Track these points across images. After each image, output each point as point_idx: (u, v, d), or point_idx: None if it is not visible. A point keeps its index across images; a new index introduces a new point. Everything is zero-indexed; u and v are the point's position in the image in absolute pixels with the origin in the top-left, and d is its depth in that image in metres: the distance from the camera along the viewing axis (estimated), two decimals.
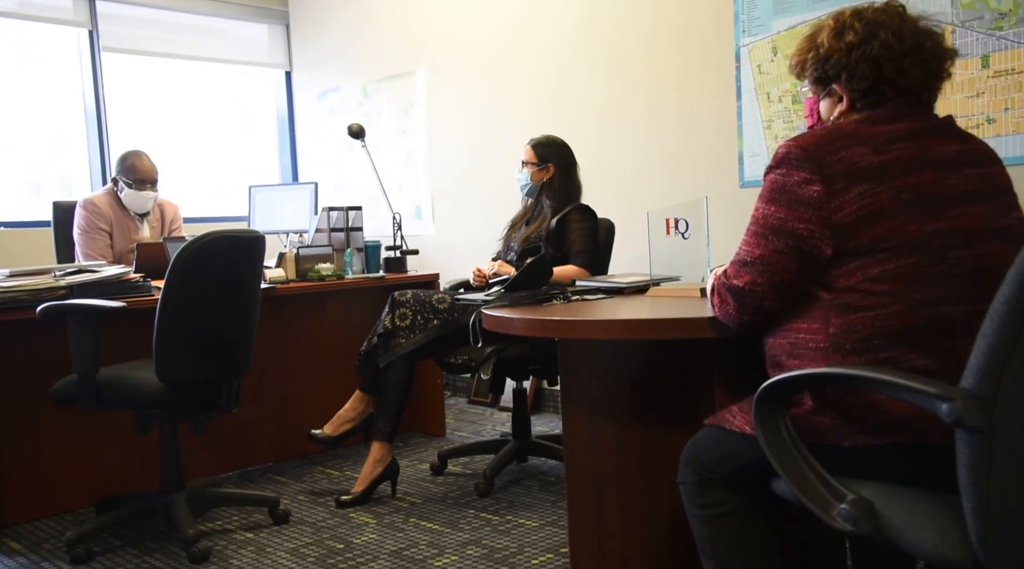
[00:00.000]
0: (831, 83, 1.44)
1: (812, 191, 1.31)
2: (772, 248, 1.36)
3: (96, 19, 4.66)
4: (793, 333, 1.38)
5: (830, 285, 1.33)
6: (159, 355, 2.36)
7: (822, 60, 1.43)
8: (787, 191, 1.34)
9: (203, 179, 5.33)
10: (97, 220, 3.50)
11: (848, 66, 1.40)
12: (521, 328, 1.82)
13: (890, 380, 1.12)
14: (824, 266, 1.33)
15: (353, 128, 3.78)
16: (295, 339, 3.43)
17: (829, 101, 1.47)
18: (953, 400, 1.04)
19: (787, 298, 1.38)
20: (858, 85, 1.40)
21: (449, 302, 2.85)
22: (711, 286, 1.52)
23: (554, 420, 3.91)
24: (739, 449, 1.40)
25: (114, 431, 2.84)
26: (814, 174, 1.31)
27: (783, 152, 1.36)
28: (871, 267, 1.29)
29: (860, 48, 1.39)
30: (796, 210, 1.33)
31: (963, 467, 1.08)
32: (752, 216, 1.42)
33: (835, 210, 1.30)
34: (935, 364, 1.25)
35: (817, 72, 1.45)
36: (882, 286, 1.28)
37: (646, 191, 3.62)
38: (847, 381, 1.25)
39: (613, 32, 3.72)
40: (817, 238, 1.31)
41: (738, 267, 1.43)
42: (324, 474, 3.22)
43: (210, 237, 2.36)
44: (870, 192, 1.29)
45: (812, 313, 1.35)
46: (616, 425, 1.92)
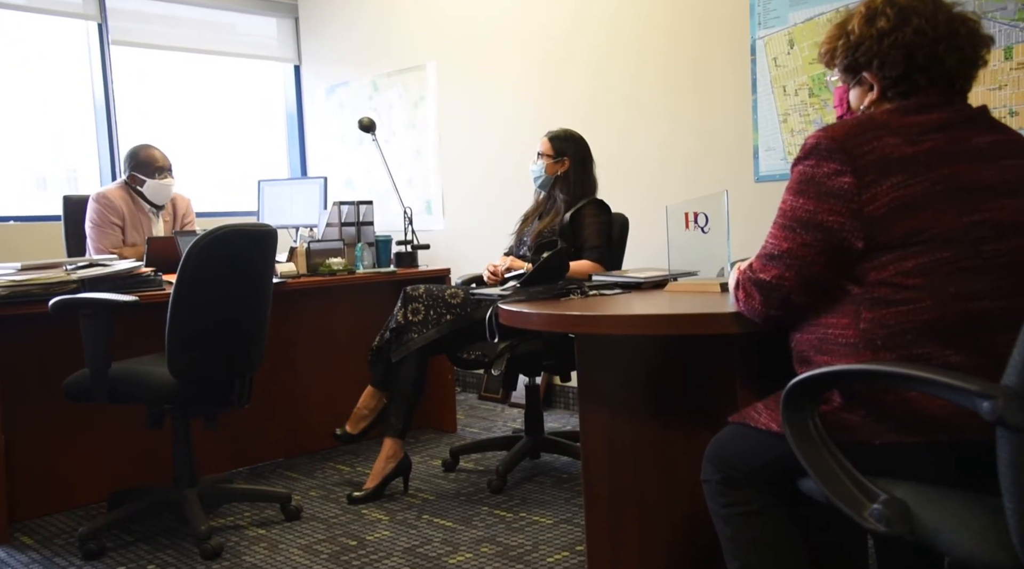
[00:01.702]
0: (861, 71, 1.40)
1: (843, 183, 1.28)
2: (800, 241, 1.33)
3: (105, 13, 4.64)
4: (822, 328, 1.35)
5: (860, 279, 1.30)
6: (171, 350, 2.34)
7: (852, 47, 1.40)
8: (816, 183, 1.31)
9: (212, 173, 5.32)
10: (110, 214, 3.48)
11: (880, 53, 1.36)
12: (540, 323, 1.79)
13: (928, 377, 1.09)
14: (854, 260, 1.30)
15: (364, 122, 3.76)
16: (306, 334, 3.41)
17: (859, 89, 1.43)
18: (995, 398, 1.01)
19: (815, 292, 1.35)
20: (890, 73, 1.36)
21: (462, 297, 2.83)
22: (735, 280, 1.49)
23: (565, 416, 3.89)
24: (764, 447, 1.37)
25: (126, 426, 2.83)
26: (845, 165, 1.28)
27: (812, 143, 1.33)
28: (904, 260, 1.26)
29: (892, 35, 1.35)
30: (826, 202, 1.30)
31: (1005, 467, 1.04)
32: (779, 208, 1.39)
33: (867, 202, 1.27)
34: (971, 360, 1.22)
35: (847, 60, 1.41)
36: (915, 280, 1.25)
37: (660, 185, 3.58)
38: (881, 378, 1.21)
39: (626, 24, 3.68)
40: (848, 231, 1.28)
41: (764, 260, 1.40)
42: (335, 470, 3.20)
43: (222, 231, 2.34)
44: (903, 184, 1.26)
45: (842, 308, 1.32)
46: (635, 422, 1.90)
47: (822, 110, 3.05)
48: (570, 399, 4.01)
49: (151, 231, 3.55)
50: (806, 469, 1.26)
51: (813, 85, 3.07)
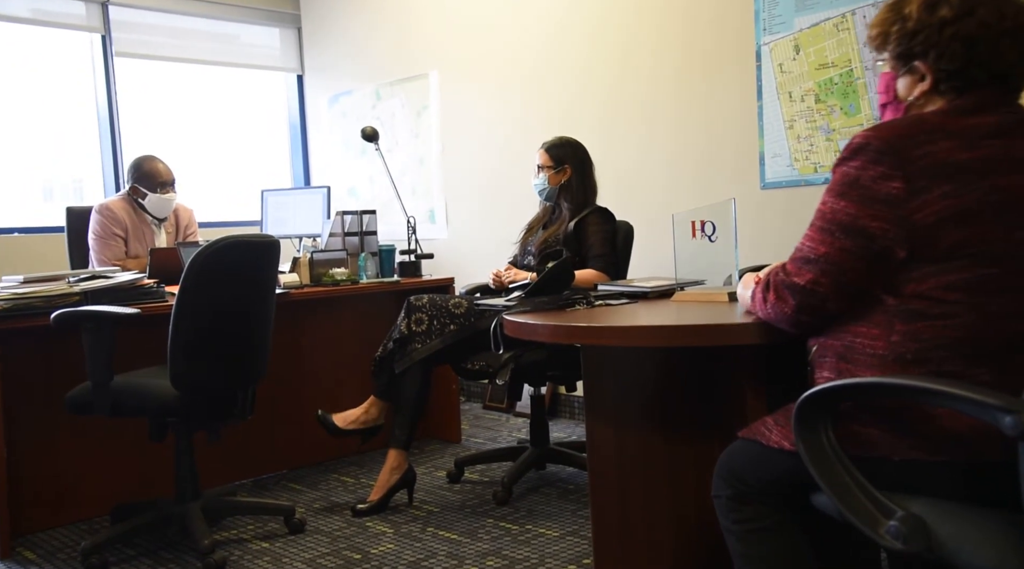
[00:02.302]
0: (915, 60, 1.31)
1: (891, 188, 1.21)
2: (839, 246, 1.27)
3: (109, 24, 4.64)
4: (850, 336, 1.30)
5: (897, 290, 1.24)
6: (173, 362, 2.32)
7: (909, 34, 1.30)
8: (861, 186, 1.24)
9: (215, 184, 5.32)
10: (113, 226, 3.47)
11: (938, 44, 1.27)
12: (546, 335, 1.76)
13: (947, 391, 1.05)
14: (894, 269, 1.24)
15: (367, 131, 3.75)
16: (310, 345, 3.39)
17: (909, 79, 1.33)
18: (1018, 412, 0.97)
19: (850, 299, 1.29)
20: (947, 66, 1.27)
21: (466, 307, 2.80)
22: (764, 281, 1.42)
23: (571, 426, 3.86)
24: (776, 463, 1.34)
25: (129, 439, 2.80)
26: (895, 170, 1.21)
27: (860, 142, 1.25)
28: (947, 274, 1.20)
29: (954, 25, 1.26)
30: (870, 207, 1.23)
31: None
32: (818, 209, 1.31)
33: (915, 210, 1.20)
34: (1001, 380, 1.18)
35: (901, 47, 1.32)
36: (956, 295, 1.20)
37: (665, 192, 3.56)
38: (899, 392, 1.17)
39: (630, 31, 3.66)
40: (891, 239, 1.22)
41: (800, 264, 1.33)
42: (339, 482, 3.18)
43: (224, 242, 2.32)
44: (955, 193, 1.19)
45: (874, 317, 1.27)
46: (642, 434, 1.87)
47: (828, 116, 3.03)
48: (575, 408, 3.98)
49: (154, 242, 3.53)
50: (819, 485, 1.23)
51: (819, 91, 3.05)
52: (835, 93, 3.01)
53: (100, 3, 4.62)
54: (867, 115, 2.93)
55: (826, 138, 3.04)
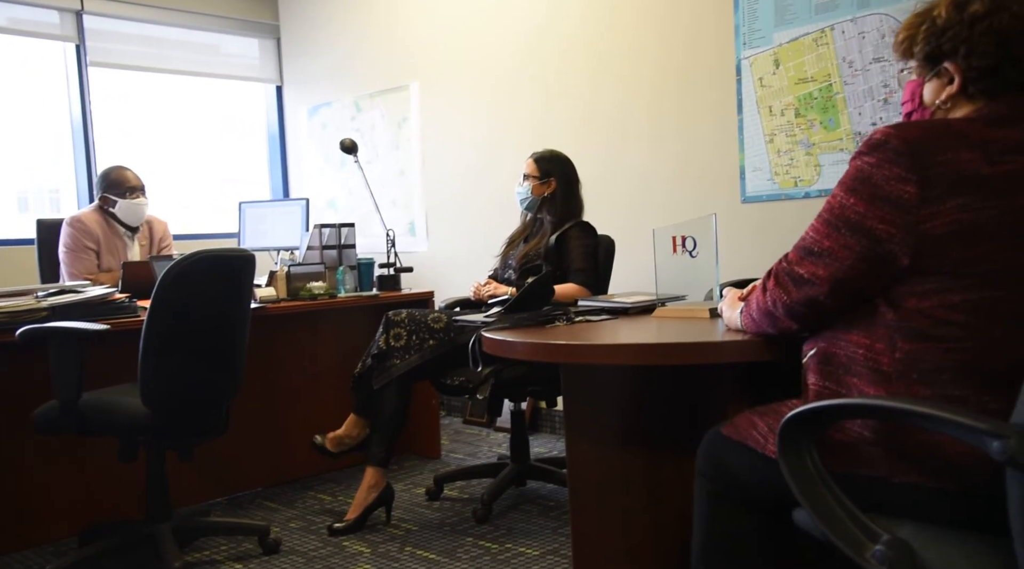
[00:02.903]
0: (943, 60, 1.27)
1: (904, 191, 1.16)
2: (843, 243, 1.23)
3: (83, 34, 4.58)
4: (852, 346, 1.25)
5: (897, 303, 1.20)
6: (144, 379, 2.26)
7: (938, 32, 1.26)
8: (873, 184, 1.19)
9: (192, 196, 5.25)
10: (84, 238, 3.40)
11: (969, 39, 1.23)
12: (525, 353, 1.73)
13: (934, 414, 1.02)
14: (895, 276, 1.20)
15: (346, 143, 3.71)
16: (286, 360, 3.34)
17: (937, 82, 1.29)
18: (1006, 437, 0.95)
19: (847, 300, 1.25)
20: (978, 62, 1.23)
21: (445, 321, 2.77)
22: (768, 272, 1.37)
23: (552, 441, 3.82)
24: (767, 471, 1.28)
25: (98, 458, 2.73)
26: (911, 173, 1.16)
27: (881, 139, 1.20)
28: (951, 293, 1.16)
29: (986, 20, 1.21)
30: (879, 208, 1.19)
31: (1015, 510, 0.99)
32: (827, 201, 1.27)
33: (926, 218, 1.15)
34: (1010, 410, 1.13)
35: (930, 46, 1.27)
36: (959, 316, 1.16)
37: (646, 206, 3.55)
38: (886, 414, 1.14)
39: (611, 45, 3.66)
40: (896, 243, 1.17)
41: (802, 254, 1.29)
42: (316, 499, 3.12)
43: (197, 257, 2.27)
44: (969, 206, 1.14)
45: (876, 331, 1.22)
46: (623, 452, 1.84)
47: (808, 130, 3.03)
48: (556, 423, 3.95)
49: (127, 255, 3.47)
50: (804, 506, 1.20)
51: (799, 105, 3.05)
52: (815, 107, 3.01)
53: (74, 12, 4.55)
54: (847, 130, 2.94)
55: (806, 152, 3.04)
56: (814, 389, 1.31)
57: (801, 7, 3.02)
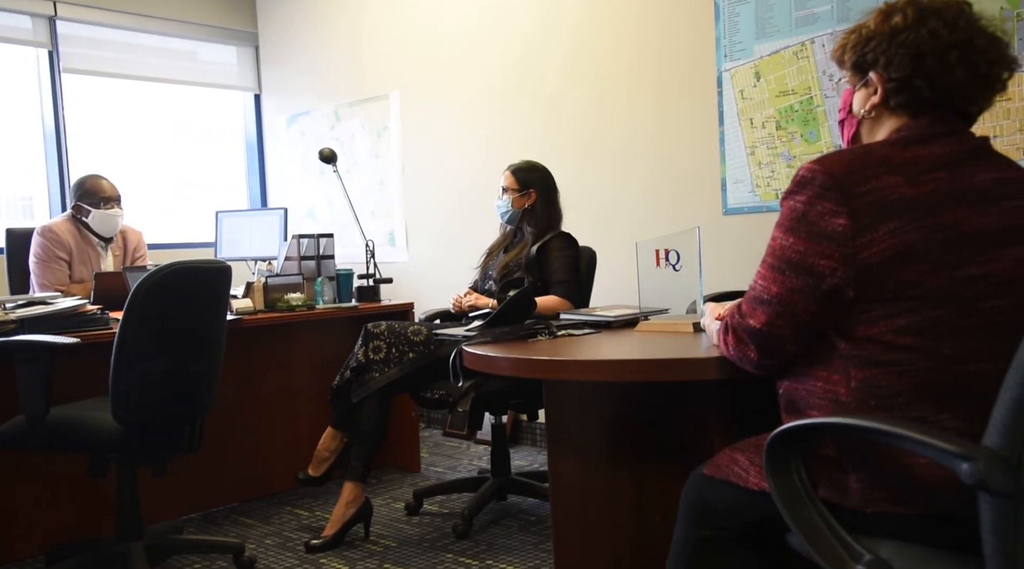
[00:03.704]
0: (869, 70, 1.30)
1: (837, 225, 1.17)
2: (790, 286, 1.23)
3: (56, 39, 4.50)
4: (812, 380, 1.26)
5: (848, 333, 1.20)
6: (115, 394, 2.20)
7: (863, 42, 1.29)
8: (808, 222, 1.20)
9: (169, 204, 5.17)
10: (56, 248, 3.33)
11: (888, 51, 1.26)
12: (507, 368, 1.70)
13: (906, 434, 1.02)
14: (844, 308, 1.20)
15: (324, 153, 3.67)
16: (263, 373, 3.28)
17: (864, 92, 1.32)
18: (975, 460, 0.94)
19: (808, 339, 1.25)
20: (895, 74, 1.25)
21: (425, 334, 2.73)
22: (724, 324, 1.38)
23: (533, 453, 3.79)
24: (755, 505, 1.28)
25: (68, 474, 2.66)
26: (840, 206, 1.17)
27: (806, 176, 1.21)
28: (896, 317, 1.16)
29: (905, 33, 1.24)
30: (818, 244, 1.19)
31: (987, 534, 0.98)
32: (768, 245, 1.28)
33: (861, 248, 1.16)
34: (969, 426, 1.13)
35: (856, 56, 1.31)
36: (907, 339, 1.16)
37: (627, 218, 3.54)
38: (861, 433, 1.14)
39: (590, 56, 3.65)
40: (839, 277, 1.18)
41: (754, 304, 1.29)
42: (293, 515, 3.06)
43: (172, 269, 2.22)
44: (900, 230, 1.15)
45: (832, 363, 1.23)
46: (607, 469, 1.82)
47: (789, 143, 3.04)
48: (537, 436, 3.92)
49: (99, 266, 3.40)
50: (789, 524, 1.19)
51: (780, 118, 3.05)
52: (795, 120, 3.01)
53: (47, 18, 4.48)
54: (827, 142, 2.94)
55: (787, 165, 3.05)
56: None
57: (781, 20, 3.02)
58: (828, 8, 2.91)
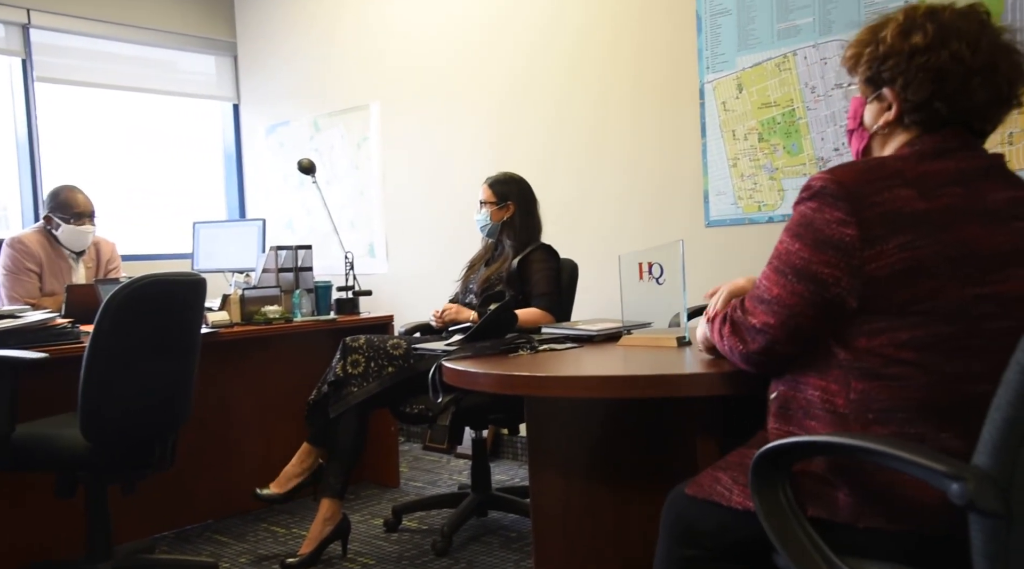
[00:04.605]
0: (883, 86, 1.26)
1: (845, 234, 1.15)
2: (791, 289, 1.22)
3: (30, 48, 4.43)
4: (810, 389, 1.24)
5: (849, 343, 1.18)
6: (84, 411, 2.13)
7: (880, 59, 1.25)
8: (816, 229, 1.19)
9: (145, 215, 5.09)
10: (26, 260, 3.26)
11: (907, 71, 1.22)
12: (487, 384, 1.66)
13: (894, 453, 1.01)
14: (845, 318, 1.18)
15: (303, 163, 3.63)
16: (239, 387, 3.21)
17: (877, 106, 1.29)
18: (965, 480, 0.92)
19: (802, 344, 1.24)
20: (913, 96, 1.22)
21: (405, 348, 2.68)
22: (724, 314, 1.36)
23: (514, 468, 3.74)
24: (740, 525, 1.25)
25: (35, 492, 2.58)
26: (850, 216, 1.15)
27: (818, 185, 1.19)
28: (899, 331, 1.14)
29: (926, 55, 1.20)
30: (823, 252, 1.18)
31: (978, 555, 0.96)
32: (775, 248, 1.26)
33: (869, 260, 1.14)
34: (970, 446, 1.09)
35: (872, 71, 1.27)
36: (908, 354, 1.14)
37: (609, 230, 3.52)
38: (850, 451, 1.12)
39: (573, 68, 3.64)
40: (843, 287, 1.16)
41: (755, 302, 1.28)
42: (269, 532, 2.99)
43: (145, 281, 2.16)
44: (911, 245, 1.13)
45: (831, 372, 1.21)
46: (589, 485, 1.78)
47: (771, 155, 3.03)
48: (519, 449, 3.87)
49: (71, 278, 3.33)
50: (775, 543, 1.17)
51: (762, 130, 3.05)
52: (778, 132, 3.01)
53: (20, 26, 4.41)
54: (809, 155, 2.94)
55: (769, 177, 3.04)
56: (772, 432, 1.30)
57: (763, 32, 3.02)
58: (810, 21, 2.91)
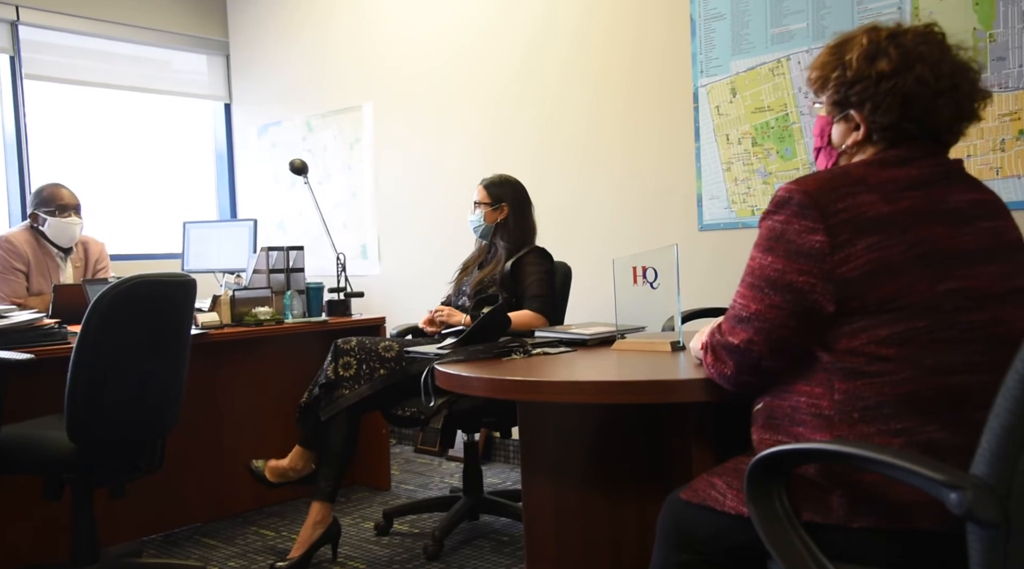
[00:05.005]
0: (851, 109, 1.30)
1: (814, 241, 1.18)
2: (769, 303, 1.23)
3: (19, 45, 4.39)
4: (795, 396, 1.25)
5: (830, 346, 1.20)
6: (71, 413, 2.11)
7: (847, 83, 1.28)
8: (786, 240, 1.21)
9: (135, 214, 5.05)
10: (12, 259, 3.22)
11: (874, 97, 1.25)
12: (480, 389, 1.64)
13: (893, 462, 1.01)
14: (825, 324, 1.20)
15: (295, 164, 3.60)
16: (229, 389, 3.19)
17: (844, 126, 1.32)
18: (963, 489, 0.92)
19: (787, 357, 1.25)
20: (881, 119, 1.26)
21: (396, 350, 2.67)
22: (702, 343, 1.38)
23: (506, 471, 3.73)
24: (734, 530, 1.25)
25: (20, 494, 2.55)
26: (817, 223, 1.18)
27: (783, 196, 1.23)
28: (878, 328, 1.16)
29: (892, 79, 1.24)
30: (796, 262, 1.20)
31: (976, 565, 0.96)
32: (747, 265, 1.28)
33: (839, 264, 1.17)
34: (955, 438, 1.13)
35: (838, 95, 1.30)
36: (889, 350, 1.16)
37: (602, 233, 3.51)
38: (847, 459, 1.12)
39: (567, 71, 3.63)
40: (818, 293, 1.18)
41: (733, 323, 1.29)
42: (258, 535, 2.97)
43: (133, 281, 2.14)
44: (878, 245, 1.17)
45: (814, 376, 1.22)
46: (582, 490, 1.77)
47: (765, 159, 3.03)
48: (511, 452, 3.86)
49: (59, 278, 3.30)
50: (770, 551, 1.16)
51: (756, 134, 3.05)
52: (771, 136, 3.01)
53: (9, 23, 4.37)
54: (803, 159, 2.94)
55: (763, 181, 3.04)
56: (760, 444, 1.30)
57: (757, 37, 3.02)
58: (804, 26, 2.91)
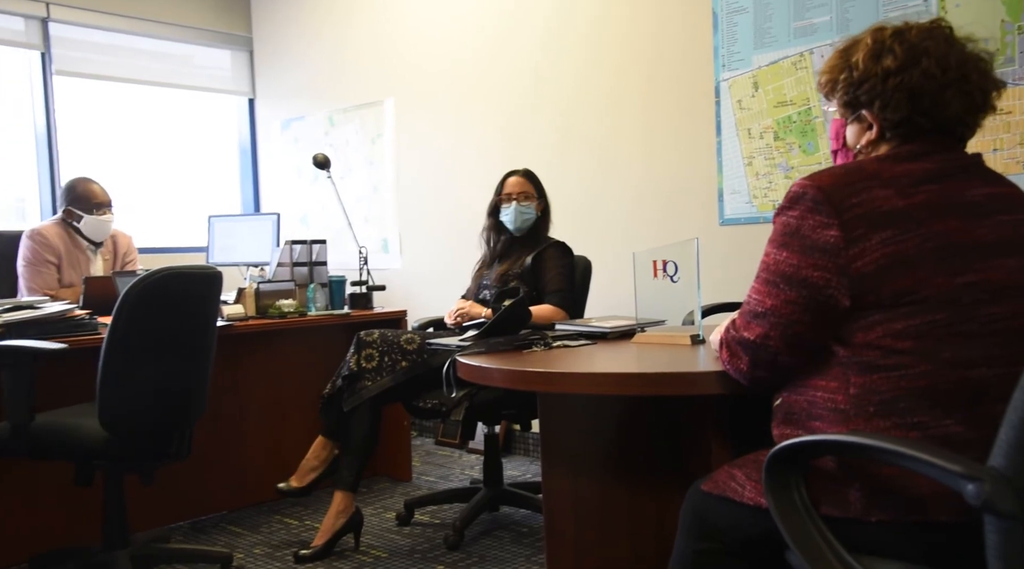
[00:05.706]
0: (861, 109, 1.31)
1: (828, 236, 1.19)
2: (784, 298, 1.24)
3: (49, 42, 4.47)
4: (811, 391, 1.25)
5: (847, 340, 1.21)
6: (103, 401, 2.16)
7: (855, 84, 1.30)
8: (801, 236, 1.22)
9: (161, 208, 5.13)
10: (45, 252, 3.29)
11: (882, 94, 1.26)
12: (501, 380, 1.67)
13: (910, 453, 1.01)
14: (841, 318, 1.21)
15: (318, 158, 3.65)
16: (254, 380, 3.24)
17: (858, 127, 1.33)
18: (981, 481, 0.92)
19: (803, 352, 1.26)
20: (892, 115, 1.26)
21: (418, 342, 2.70)
22: (719, 338, 1.39)
23: (525, 463, 3.76)
24: (753, 521, 1.26)
25: (53, 480, 2.61)
26: (831, 218, 1.19)
27: (797, 192, 1.24)
28: (894, 322, 1.17)
29: (899, 75, 1.25)
30: (810, 257, 1.21)
31: (993, 557, 0.96)
32: (762, 261, 1.29)
33: (854, 258, 1.18)
34: (972, 432, 1.13)
35: (848, 96, 1.31)
36: (906, 343, 1.16)
37: (623, 228, 3.52)
38: (864, 450, 1.12)
39: (588, 65, 3.64)
40: (833, 288, 1.19)
41: (748, 318, 1.30)
42: (283, 524, 3.02)
43: (161, 274, 2.19)
44: (893, 239, 1.17)
45: (830, 371, 1.23)
46: (601, 482, 1.79)
47: (787, 153, 3.02)
48: (530, 445, 3.88)
49: (89, 270, 3.36)
50: (789, 543, 1.17)
51: (778, 128, 3.04)
52: (793, 131, 3.00)
53: (40, 19, 4.45)
54: (825, 154, 2.93)
55: (785, 176, 3.03)
56: (776, 438, 1.31)
57: (780, 30, 3.02)
58: (827, 19, 2.90)
